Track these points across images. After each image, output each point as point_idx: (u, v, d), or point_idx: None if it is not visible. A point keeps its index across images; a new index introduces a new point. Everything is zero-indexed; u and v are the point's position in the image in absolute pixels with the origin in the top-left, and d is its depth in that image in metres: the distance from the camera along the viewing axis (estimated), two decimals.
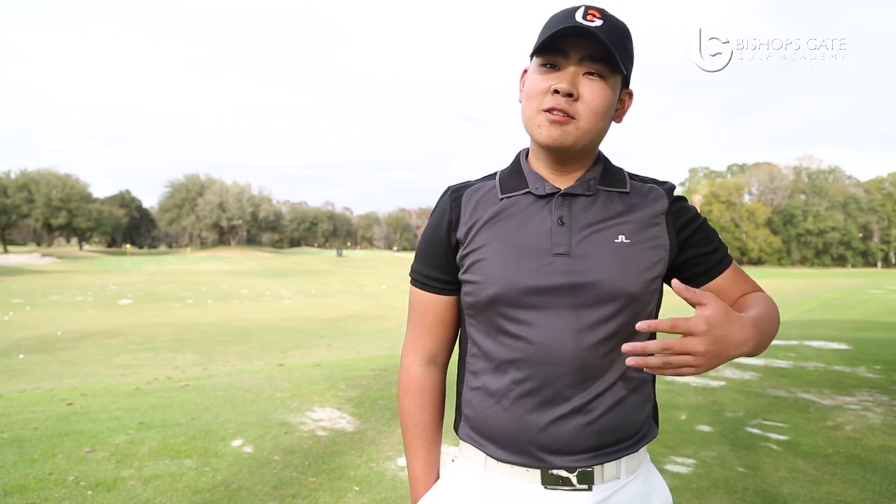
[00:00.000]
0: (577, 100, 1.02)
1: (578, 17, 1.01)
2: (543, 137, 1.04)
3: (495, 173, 1.19)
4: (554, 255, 1.05)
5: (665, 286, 1.13)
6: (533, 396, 1.06)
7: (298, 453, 3.70)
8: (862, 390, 5.54)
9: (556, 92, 1.02)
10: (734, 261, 1.19)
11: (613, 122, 1.12)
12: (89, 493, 3.01)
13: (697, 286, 1.14)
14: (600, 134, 1.08)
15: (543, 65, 1.05)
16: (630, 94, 1.13)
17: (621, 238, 1.07)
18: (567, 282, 1.04)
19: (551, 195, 1.09)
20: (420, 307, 1.21)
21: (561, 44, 1.02)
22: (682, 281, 1.13)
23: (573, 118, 1.03)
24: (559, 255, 1.05)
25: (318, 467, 3.48)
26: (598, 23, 1.00)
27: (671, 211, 1.12)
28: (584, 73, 1.03)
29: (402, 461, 3.62)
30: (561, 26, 1.00)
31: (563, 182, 1.11)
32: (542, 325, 1.05)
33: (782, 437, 4.16)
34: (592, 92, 1.02)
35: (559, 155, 1.08)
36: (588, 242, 1.06)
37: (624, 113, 1.13)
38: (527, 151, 1.17)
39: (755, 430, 4.31)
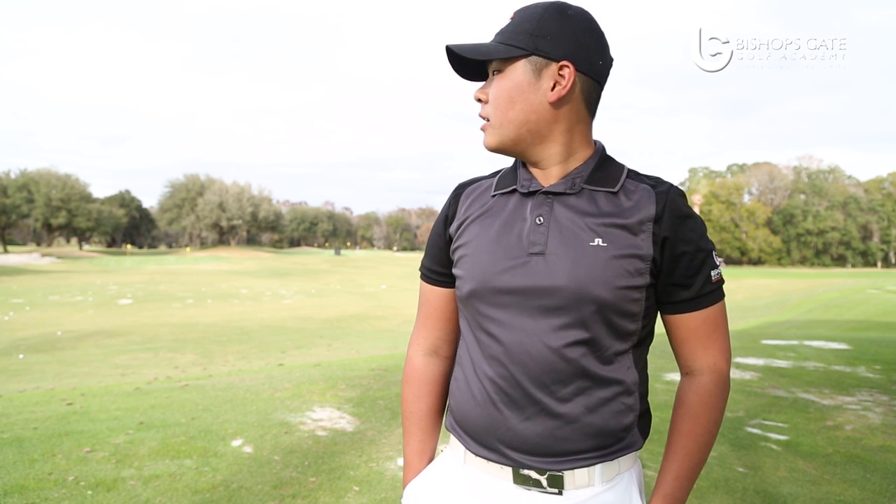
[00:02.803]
0: (486, 103, 1.10)
1: (508, 20, 1.10)
2: (484, 145, 1.12)
3: (500, 171, 1.21)
4: (529, 255, 1.05)
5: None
6: (503, 395, 1.06)
7: (298, 453, 3.70)
8: (862, 390, 5.53)
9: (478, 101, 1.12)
10: (719, 306, 1.08)
11: (551, 104, 1.04)
12: (89, 493, 3.01)
13: (660, 313, 1.11)
14: (521, 123, 1.05)
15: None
16: (565, 67, 1.03)
17: (598, 241, 1.02)
18: (537, 283, 1.03)
19: (534, 193, 1.10)
20: (424, 299, 1.26)
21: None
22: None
23: (488, 120, 1.10)
24: (534, 254, 1.05)
25: (318, 467, 3.48)
26: (506, 23, 1.09)
27: (662, 221, 1.03)
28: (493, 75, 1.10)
29: (402, 461, 3.61)
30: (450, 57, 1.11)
31: (550, 180, 1.10)
32: (513, 325, 1.05)
33: (782, 437, 4.16)
34: (493, 89, 1.08)
35: (511, 155, 1.13)
36: (563, 243, 1.04)
37: (564, 89, 1.03)
38: None
39: (755, 430, 4.31)
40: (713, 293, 1.08)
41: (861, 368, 6.61)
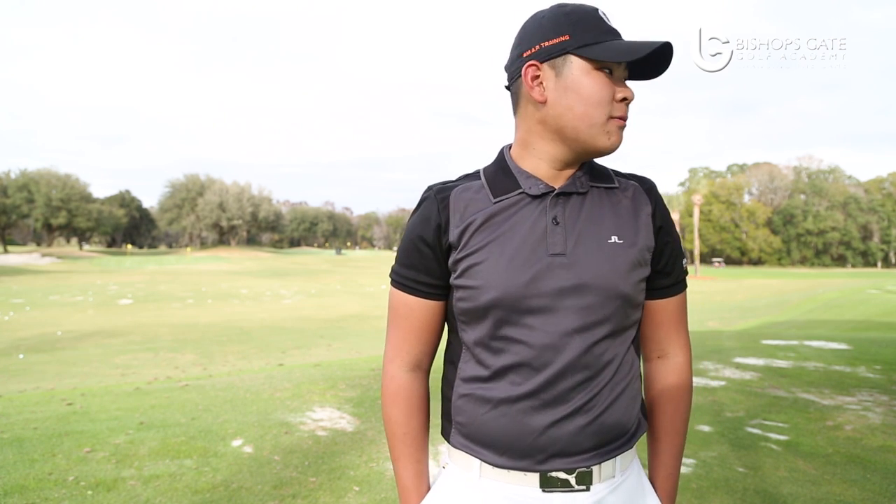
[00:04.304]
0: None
1: (607, 20, 1.06)
2: (611, 144, 1.06)
3: (477, 172, 1.15)
4: (551, 256, 1.05)
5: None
6: (533, 399, 1.04)
7: (298, 453, 3.70)
8: (862, 390, 5.53)
9: (624, 100, 1.06)
10: (685, 293, 1.19)
11: None
12: (89, 493, 3.01)
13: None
14: None
15: (600, 69, 1.05)
16: None
17: (615, 238, 1.07)
18: (565, 283, 1.04)
19: (545, 195, 1.08)
20: (405, 311, 1.15)
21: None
22: None
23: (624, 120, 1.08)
24: (556, 255, 1.05)
25: (318, 467, 3.48)
26: (613, 22, 1.08)
27: (656, 214, 1.13)
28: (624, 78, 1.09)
29: None
30: (650, 44, 1.01)
31: (557, 180, 1.10)
32: (542, 328, 1.04)
33: (782, 437, 4.16)
34: (632, 96, 1.07)
35: (597, 157, 1.10)
36: (583, 242, 1.06)
37: None
38: (509, 147, 1.15)
39: (755, 430, 4.31)
40: (684, 280, 1.18)
41: (861, 368, 6.61)
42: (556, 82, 1.04)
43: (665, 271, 1.14)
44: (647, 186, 1.14)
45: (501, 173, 1.12)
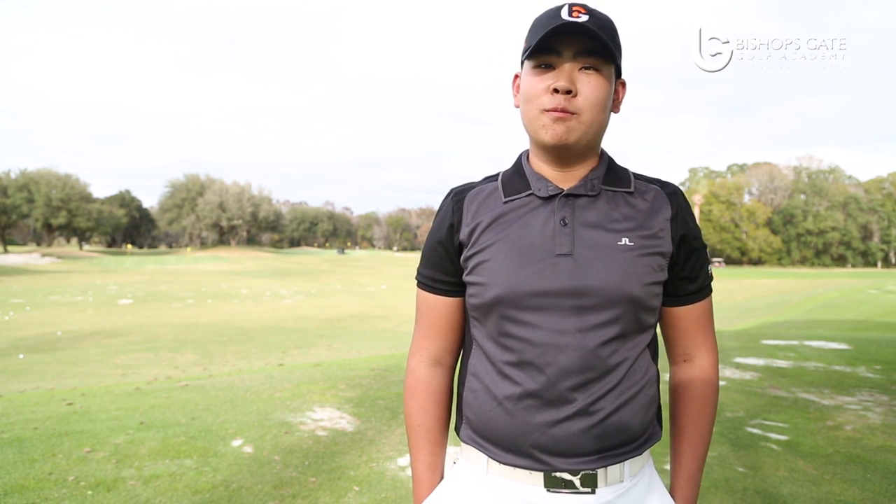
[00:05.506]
0: (575, 96, 1.03)
1: (564, 14, 1.02)
2: (549, 137, 1.05)
3: (497, 174, 1.19)
4: (557, 256, 1.05)
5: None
6: (536, 398, 1.05)
7: (298, 453, 3.70)
8: (862, 390, 5.54)
9: (556, 91, 1.03)
10: (711, 297, 1.19)
11: (612, 114, 1.12)
12: (89, 493, 3.01)
13: (662, 305, 1.16)
14: (602, 126, 1.09)
15: (538, 66, 1.06)
16: (623, 84, 1.13)
17: (625, 241, 1.07)
18: (570, 285, 1.04)
19: (554, 196, 1.10)
20: (426, 309, 1.21)
21: (553, 43, 1.03)
22: None
23: (575, 114, 1.03)
24: (562, 255, 1.05)
25: (318, 467, 3.48)
26: (585, 18, 1.02)
27: (677, 220, 1.11)
28: (580, 69, 1.04)
29: (402, 461, 3.62)
30: (551, 25, 1.01)
31: (567, 182, 1.11)
32: (546, 327, 1.04)
33: (782, 437, 4.16)
34: (590, 86, 1.03)
35: (563, 153, 1.08)
36: (591, 244, 1.06)
37: (620, 103, 1.13)
38: (528, 153, 1.17)
39: (755, 430, 4.31)
40: (710, 285, 1.19)
41: (861, 368, 6.61)
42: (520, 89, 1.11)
43: (690, 277, 1.14)
44: (669, 191, 1.14)
45: (516, 175, 1.15)
